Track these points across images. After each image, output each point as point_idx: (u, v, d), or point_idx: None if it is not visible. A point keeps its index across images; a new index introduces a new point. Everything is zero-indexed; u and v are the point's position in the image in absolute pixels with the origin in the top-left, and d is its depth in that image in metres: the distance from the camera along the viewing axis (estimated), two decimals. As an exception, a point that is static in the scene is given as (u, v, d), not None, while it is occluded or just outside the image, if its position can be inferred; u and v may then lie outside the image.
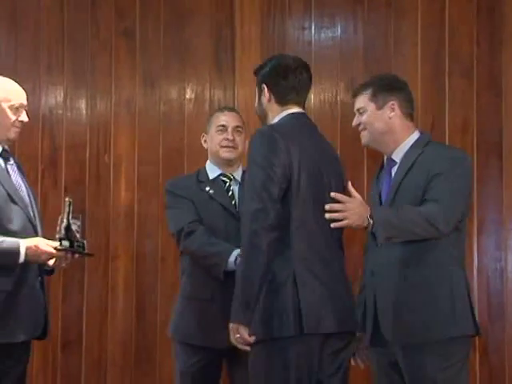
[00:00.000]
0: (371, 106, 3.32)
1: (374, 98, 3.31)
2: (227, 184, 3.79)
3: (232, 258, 3.47)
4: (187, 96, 4.77)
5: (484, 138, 4.43)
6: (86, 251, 3.42)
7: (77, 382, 4.74)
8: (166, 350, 4.19)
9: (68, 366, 4.75)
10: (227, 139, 3.76)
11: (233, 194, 3.78)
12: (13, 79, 4.26)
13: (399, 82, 3.44)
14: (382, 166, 3.47)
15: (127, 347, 4.66)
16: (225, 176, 3.79)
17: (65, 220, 3.39)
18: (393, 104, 3.30)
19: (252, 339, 2.97)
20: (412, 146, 3.31)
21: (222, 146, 3.76)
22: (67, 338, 4.76)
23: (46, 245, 3.28)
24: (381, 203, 3.37)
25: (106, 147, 4.78)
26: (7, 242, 3.26)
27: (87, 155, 4.81)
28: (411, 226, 3.11)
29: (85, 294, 4.72)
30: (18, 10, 4.90)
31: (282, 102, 3.16)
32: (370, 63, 4.56)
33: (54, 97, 4.85)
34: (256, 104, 3.31)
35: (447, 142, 4.41)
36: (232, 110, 4.03)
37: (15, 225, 3.32)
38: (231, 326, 3.01)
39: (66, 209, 3.39)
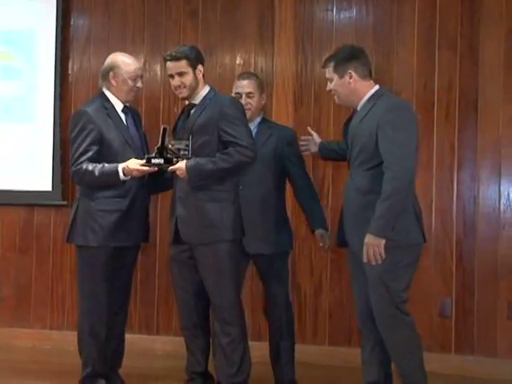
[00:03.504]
0: (335, 77, 3.61)
1: (335, 69, 3.60)
2: None
3: None
4: (237, 62, 5.17)
5: (464, 96, 4.80)
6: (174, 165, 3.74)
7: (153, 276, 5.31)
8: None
9: (144, 264, 5.18)
10: (243, 104, 4.07)
11: None
12: (105, 49, 4.90)
13: (355, 51, 3.67)
14: (351, 116, 3.78)
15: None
16: None
17: (159, 142, 3.81)
18: (350, 72, 3.57)
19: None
20: (368, 99, 3.58)
21: None
22: (145, 244, 4.86)
23: (135, 163, 3.85)
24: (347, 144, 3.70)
25: (175, 100, 5.16)
26: (107, 166, 3.88)
27: (161, 106, 5.28)
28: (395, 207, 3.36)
29: (158, 210, 5.08)
30: (110, -4, 5.40)
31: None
32: (378, 38, 4.94)
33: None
34: None
35: (436, 99, 4.82)
36: (246, 77, 4.27)
37: None
38: None
39: (161, 133, 3.82)
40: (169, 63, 3.94)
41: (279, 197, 4.25)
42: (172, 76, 3.95)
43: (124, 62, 4.05)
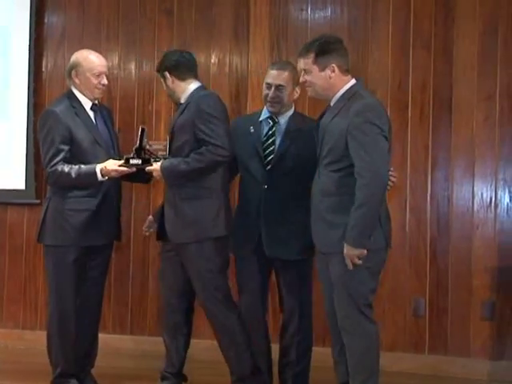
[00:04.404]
0: (315, 69, 3.41)
1: (316, 61, 3.40)
2: (270, 125, 3.95)
3: None
4: (212, 60, 5.12)
5: (438, 95, 4.77)
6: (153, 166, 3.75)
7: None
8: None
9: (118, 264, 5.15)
10: (271, 97, 3.89)
11: (273, 133, 3.93)
12: (80, 47, 4.78)
13: (335, 42, 3.48)
14: (325, 111, 3.58)
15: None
16: (271, 119, 3.95)
17: (137, 143, 3.83)
18: (332, 66, 3.39)
19: None
20: (342, 94, 3.42)
21: (268, 101, 3.92)
22: (119, 243, 4.80)
23: (113, 164, 3.86)
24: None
25: (149, 98, 5.18)
26: (84, 167, 3.87)
27: (135, 104, 5.23)
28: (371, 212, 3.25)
29: (132, 209, 5.08)
30: (85, -7, 5.35)
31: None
32: (352, 37, 4.88)
33: (111, 60, 5.20)
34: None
35: (410, 99, 4.79)
36: (280, 67, 3.95)
37: (99, 162, 3.88)
38: None
39: (139, 134, 3.85)
40: None
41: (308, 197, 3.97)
42: None
43: (86, 59, 4.01)
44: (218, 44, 5.15)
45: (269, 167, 3.89)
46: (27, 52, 5.32)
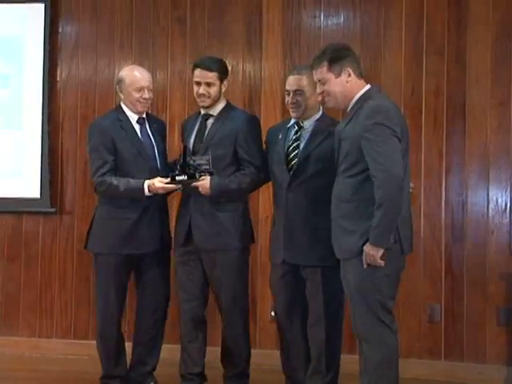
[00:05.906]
0: (331, 76, 3.44)
1: (331, 68, 3.43)
2: (296, 130, 3.92)
3: None
4: (225, 68, 5.16)
5: (452, 101, 4.81)
6: (200, 180, 3.86)
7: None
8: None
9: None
10: (290, 102, 3.89)
11: (298, 138, 3.89)
12: (93, 55, 4.91)
13: (345, 49, 3.53)
14: None
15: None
16: (297, 124, 3.93)
17: (181, 160, 3.92)
18: (348, 70, 3.43)
19: None
20: (357, 100, 3.45)
21: (289, 107, 3.93)
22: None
23: (159, 182, 3.95)
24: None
25: (163, 107, 5.18)
26: (133, 182, 4.00)
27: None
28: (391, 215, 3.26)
29: None
30: (98, 1, 5.37)
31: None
32: (365, 44, 4.94)
33: (125, 68, 5.23)
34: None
35: (424, 105, 4.82)
36: (296, 72, 3.92)
37: (141, 174, 4.02)
38: None
39: (182, 151, 3.97)
40: (200, 71, 4.05)
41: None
42: (199, 84, 4.05)
43: (128, 74, 4.16)
44: (231, 51, 5.16)
45: (292, 172, 3.86)
46: (41, 61, 5.35)
